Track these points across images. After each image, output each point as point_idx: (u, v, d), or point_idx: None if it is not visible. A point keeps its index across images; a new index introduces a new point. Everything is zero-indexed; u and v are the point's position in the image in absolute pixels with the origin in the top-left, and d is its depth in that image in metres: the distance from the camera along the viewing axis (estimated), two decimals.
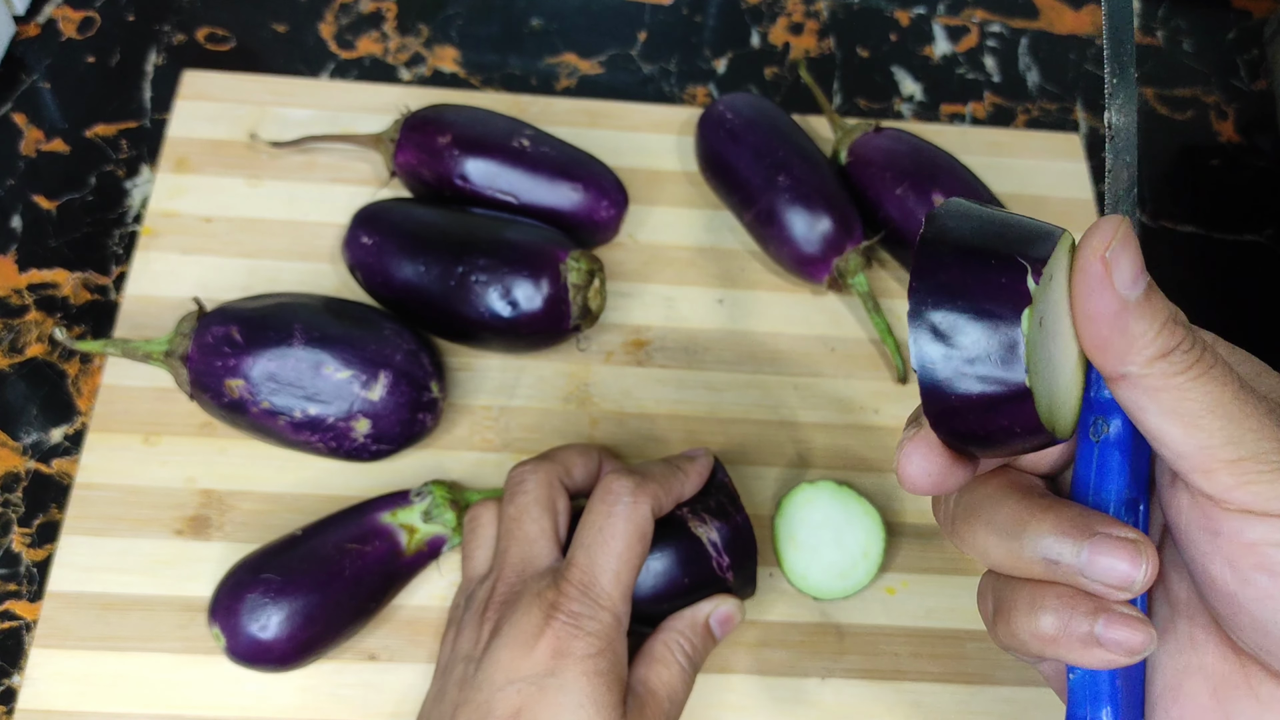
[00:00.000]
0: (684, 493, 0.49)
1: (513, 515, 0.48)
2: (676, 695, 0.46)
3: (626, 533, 0.46)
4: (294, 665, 0.50)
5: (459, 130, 0.60)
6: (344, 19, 0.73)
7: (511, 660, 0.43)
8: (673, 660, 0.46)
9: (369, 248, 0.57)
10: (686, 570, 0.48)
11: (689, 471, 0.50)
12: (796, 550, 0.54)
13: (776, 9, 0.76)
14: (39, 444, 0.57)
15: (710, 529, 0.49)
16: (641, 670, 0.46)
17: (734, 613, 0.49)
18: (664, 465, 0.49)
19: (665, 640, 0.47)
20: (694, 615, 0.48)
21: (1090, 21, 0.78)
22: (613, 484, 0.47)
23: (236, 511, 0.55)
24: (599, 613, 0.44)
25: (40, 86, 0.68)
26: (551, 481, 0.49)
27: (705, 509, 0.49)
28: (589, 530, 0.46)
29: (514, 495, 0.49)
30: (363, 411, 0.52)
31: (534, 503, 0.48)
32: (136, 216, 0.64)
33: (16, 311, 0.61)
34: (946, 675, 0.54)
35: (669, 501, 0.48)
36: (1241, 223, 0.71)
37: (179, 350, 0.52)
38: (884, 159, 0.62)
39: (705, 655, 0.48)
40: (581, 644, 0.43)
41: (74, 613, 0.52)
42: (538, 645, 0.43)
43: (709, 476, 0.51)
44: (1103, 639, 0.28)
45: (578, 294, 0.56)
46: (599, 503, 0.47)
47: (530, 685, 0.43)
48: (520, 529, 0.47)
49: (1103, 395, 0.31)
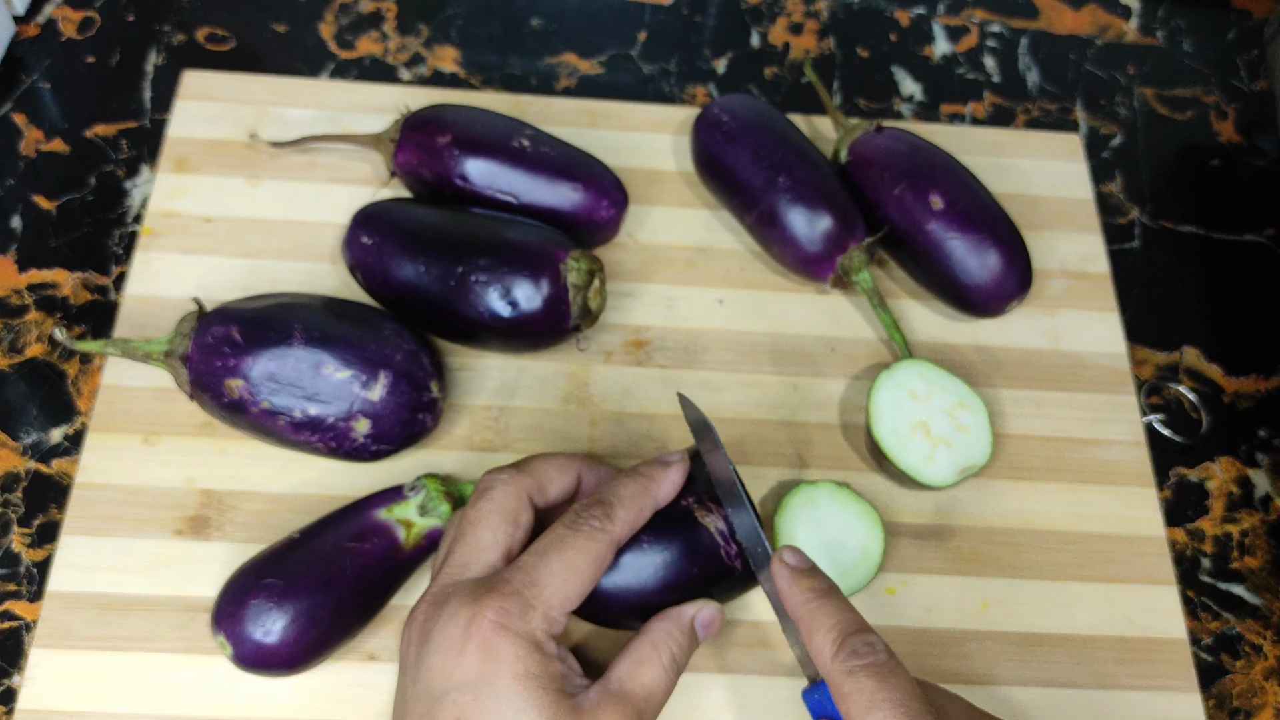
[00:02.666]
0: (658, 505, 0.48)
1: (470, 519, 0.47)
2: (654, 697, 0.45)
3: (585, 549, 0.45)
4: (301, 668, 0.50)
5: (459, 130, 0.60)
6: (344, 19, 0.73)
7: (443, 667, 0.42)
8: (657, 661, 0.45)
9: (369, 248, 0.57)
10: (695, 560, 0.48)
11: (661, 481, 0.48)
12: None
13: (776, 9, 0.76)
14: (39, 444, 0.57)
15: (717, 517, 0.48)
16: (623, 669, 0.45)
17: (716, 616, 0.48)
18: (636, 486, 0.48)
19: (653, 640, 0.46)
20: (679, 616, 0.47)
21: (1090, 21, 0.78)
22: (581, 511, 0.46)
23: (236, 512, 0.55)
24: (528, 614, 0.43)
25: (40, 86, 0.68)
26: (520, 494, 0.47)
27: (711, 498, 0.49)
28: (546, 539, 0.45)
29: (477, 500, 0.47)
30: (363, 411, 0.52)
31: (495, 511, 0.47)
32: (136, 216, 0.64)
33: (16, 311, 0.61)
34: (947, 675, 0.54)
35: (638, 524, 0.47)
36: (1242, 222, 0.71)
37: (179, 350, 0.52)
38: (884, 159, 0.62)
39: (689, 658, 0.47)
40: (509, 647, 0.42)
41: (74, 613, 0.52)
42: (466, 649, 0.42)
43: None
44: None
45: (578, 294, 0.56)
46: (561, 525, 0.46)
47: (466, 694, 0.42)
48: (474, 533, 0.46)
49: None
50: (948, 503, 0.58)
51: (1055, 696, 0.54)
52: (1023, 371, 0.62)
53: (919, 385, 0.57)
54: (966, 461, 0.56)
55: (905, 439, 0.56)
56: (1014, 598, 0.56)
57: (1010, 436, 0.60)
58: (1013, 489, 0.59)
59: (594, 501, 0.47)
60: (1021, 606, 0.56)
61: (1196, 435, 0.63)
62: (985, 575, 0.57)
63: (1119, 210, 0.70)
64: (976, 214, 0.60)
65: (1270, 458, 0.62)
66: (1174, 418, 0.63)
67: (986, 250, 0.59)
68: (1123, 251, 0.68)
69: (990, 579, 0.56)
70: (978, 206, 0.60)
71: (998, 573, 0.57)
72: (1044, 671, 0.54)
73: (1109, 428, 0.61)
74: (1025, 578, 0.57)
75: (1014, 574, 0.57)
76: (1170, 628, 0.56)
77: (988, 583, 0.56)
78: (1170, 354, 0.65)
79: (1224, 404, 0.64)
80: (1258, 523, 0.61)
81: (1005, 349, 0.63)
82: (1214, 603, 0.58)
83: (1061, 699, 0.54)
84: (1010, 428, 0.61)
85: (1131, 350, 0.65)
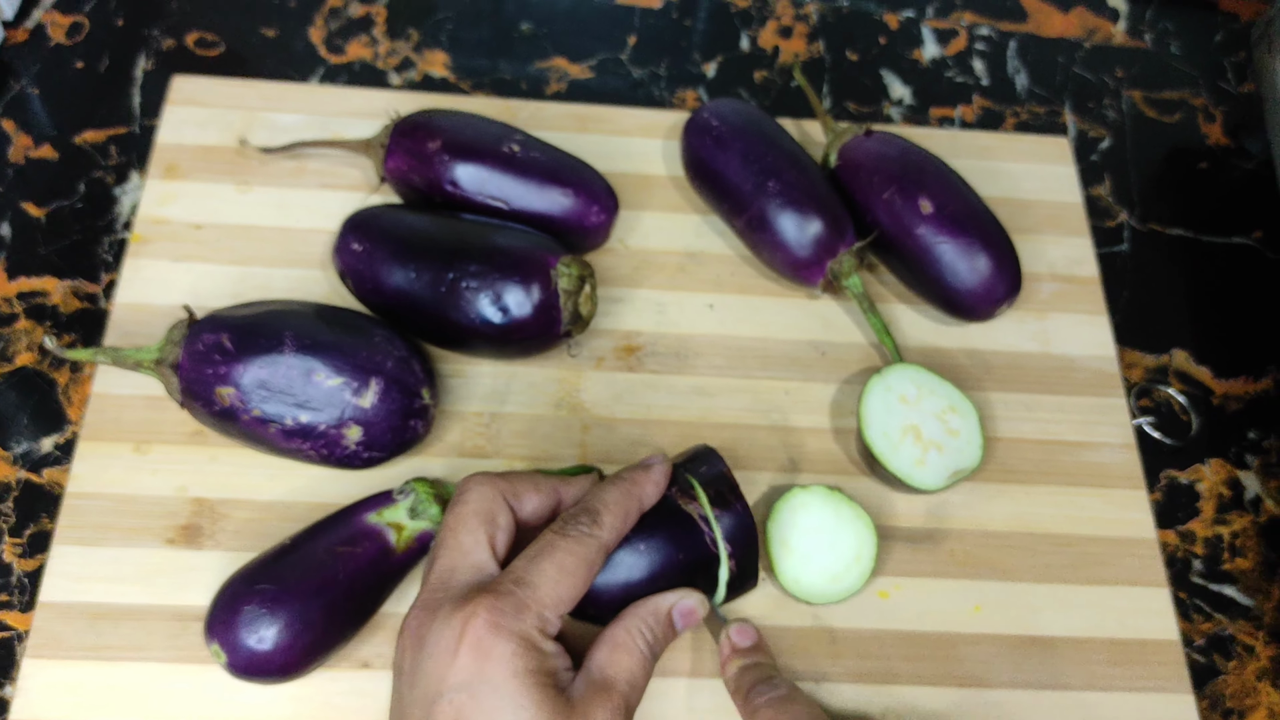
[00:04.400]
0: (644, 508, 0.49)
1: (449, 524, 0.47)
2: (636, 681, 0.45)
3: (576, 553, 0.45)
4: (295, 675, 0.50)
5: (449, 135, 0.60)
6: (333, 24, 0.73)
7: (438, 670, 0.42)
8: (634, 647, 0.46)
9: (359, 254, 0.57)
10: (680, 546, 0.49)
11: (645, 484, 0.49)
12: (789, 555, 0.54)
13: (766, 12, 0.76)
14: (29, 454, 0.57)
15: (699, 505, 0.49)
16: (601, 656, 0.46)
17: (696, 606, 0.49)
18: (620, 491, 0.49)
19: (627, 627, 0.47)
20: (657, 604, 0.48)
21: (1078, 24, 0.78)
22: (568, 518, 0.47)
23: (228, 520, 0.55)
24: (522, 613, 0.43)
25: (29, 92, 0.68)
26: (495, 496, 0.48)
27: (683, 491, 0.50)
28: (536, 545, 0.46)
29: (453, 506, 0.48)
30: (354, 419, 0.52)
31: (472, 513, 0.47)
32: (126, 223, 0.64)
33: (6, 320, 0.61)
34: (939, 678, 0.54)
35: (626, 528, 0.48)
36: (1230, 225, 0.71)
37: (169, 358, 0.52)
38: (873, 163, 0.62)
39: (665, 645, 0.48)
40: (503, 646, 0.42)
41: (66, 623, 0.52)
42: (460, 650, 0.42)
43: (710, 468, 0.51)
44: None
45: (568, 300, 0.56)
46: (550, 532, 0.46)
47: (462, 693, 0.42)
48: (454, 538, 0.47)
49: None
50: (939, 506, 0.58)
51: (1048, 698, 0.54)
52: (1013, 375, 0.63)
53: (910, 389, 0.57)
54: (957, 465, 0.56)
55: (896, 443, 0.56)
56: (1006, 600, 0.56)
57: (1001, 440, 0.61)
58: (1004, 492, 0.59)
59: (581, 509, 0.47)
60: (1013, 609, 0.56)
61: (1186, 437, 0.63)
62: (977, 578, 0.57)
63: (1108, 213, 0.70)
64: (966, 218, 0.60)
65: (1260, 459, 0.63)
66: (1164, 420, 0.64)
67: (976, 254, 0.60)
68: (1112, 254, 0.69)
69: (982, 582, 0.57)
70: (967, 210, 0.60)
71: (989, 575, 0.57)
72: (1036, 674, 0.54)
73: (1099, 430, 0.61)
74: (1017, 580, 0.57)
75: (1006, 577, 0.57)
76: (1162, 629, 0.56)
77: (980, 585, 0.57)
78: (1160, 356, 0.66)
79: (1214, 406, 0.64)
80: (1248, 524, 0.61)
81: (995, 352, 0.63)
82: (1206, 604, 0.59)
83: (1054, 701, 0.54)
84: (1001, 431, 0.61)
85: (1121, 353, 0.65)
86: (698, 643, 0.54)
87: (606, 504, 0.47)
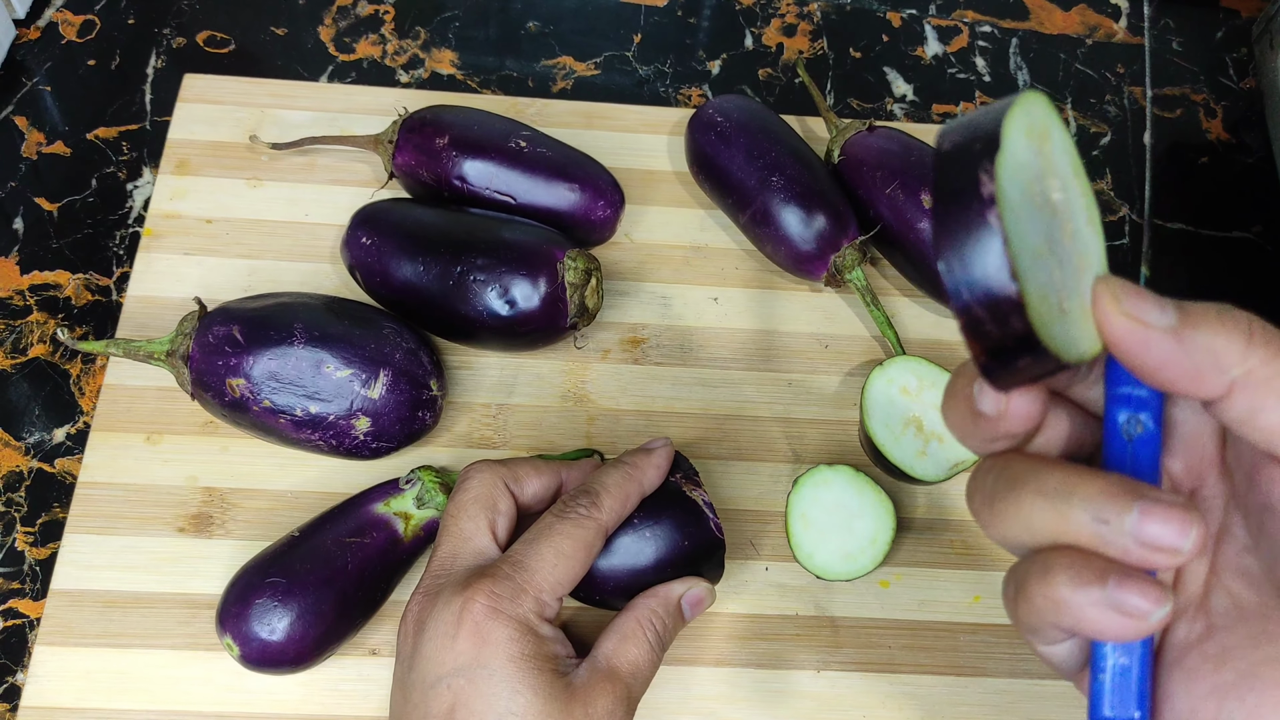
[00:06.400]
0: (645, 491, 0.49)
1: (451, 512, 0.48)
2: (641, 673, 0.46)
3: (574, 536, 0.46)
4: (307, 665, 0.50)
5: (457, 132, 0.60)
6: (343, 22, 0.73)
7: (438, 654, 0.43)
8: (642, 638, 0.46)
9: (368, 248, 0.58)
10: (686, 532, 0.49)
11: (646, 468, 0.50)
12: (806, 528, 0.55)
13: (770, 10, 0.77)
14: (42, 443, 0.58)
15: (703, 491, 0.50)
16: (609, 645, 0.46)
17: (705, 595, 0.49)
18: (620, 474, 0.49)
19: (637, 617, 0.47)
20: (667, 593, 0.48)
21: (1080, 21, 0.79)
22: (568, 500, 0.47)
23: (238, 509, 0.56)
24: (520, 597, 0.44)
25: (41, 89, 0.69)
26: (495, 482, 0.48)
27: (688, 478, 0.51)
28: (535, 529, 0.46)
29: (455, 494, 0.49)
30: (363, 410, 0.53)
31: (473, 500, 0.48)
32: (138, 218, 0.65)
33: (19, 312, 0.61)
34: (940, 667, 0.55)
35: (627, 511, 0.48)
36: (1230, 220, 0.71)
37: (181, 350, 0.53)
38: (876, 158, 0.63)
39: (674, 635, 0.48)
40: (501, 630, 0.43)
41: (77, 610, 0.53)
42: (459, 635, 0.43)
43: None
44: (1114, 600, 0.27)
45: (575, 293, 0.57)
46: (550, 514, 0.47)
47: (460, 678, 0.42)
48: (456, 524, 0.47)
49: (1137, 392, 0.30)
50: (940, 497, 0.59)
51: (1047, 688, 0.55)
52: None
53: (911, 381, 0.58)
54: (958, 457, 0.56)
55: (898, 435, 0.57)
56: None
57: None
58: None
59: (580, 491, 0.48)
60: None
61: None
62: (977, 568, 0.57)
63: (1109, 208, 0.71)
64: None
65: None
66: None
67: None
68: (1113, 249, 0.69)
69: (981, 572, 0.57)
70: None
71: (989, 566, 0.57)
72: (1035, 663, 0.55)
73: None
74: None
75: (1005, 567, 0.57)
76: None
77: (979, 575, 0.57)
78: None
79: None
80: None
81: None
82: None
83: (1054, 690, 0.54)
84: None
85: None
86: (695, 631, 0.55)
87: (606, 486, 0.48)
